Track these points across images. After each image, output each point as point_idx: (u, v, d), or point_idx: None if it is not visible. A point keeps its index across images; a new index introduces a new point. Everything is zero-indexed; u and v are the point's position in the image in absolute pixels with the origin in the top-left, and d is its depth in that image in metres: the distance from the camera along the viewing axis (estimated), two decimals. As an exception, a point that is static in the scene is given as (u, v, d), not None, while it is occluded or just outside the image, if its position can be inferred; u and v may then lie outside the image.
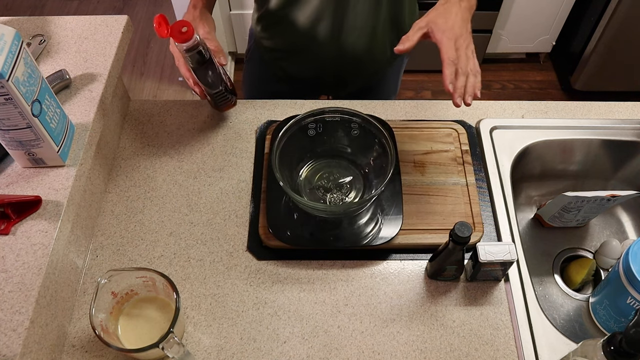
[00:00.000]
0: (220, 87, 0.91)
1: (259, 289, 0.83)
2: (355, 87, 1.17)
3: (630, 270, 0.78)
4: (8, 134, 0.71)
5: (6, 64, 0.64)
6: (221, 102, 0.96)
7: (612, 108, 1.06)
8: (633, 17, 1.92)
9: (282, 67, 1.15)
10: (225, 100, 0.96)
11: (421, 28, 0.81)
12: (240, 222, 0.90)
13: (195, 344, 0.78)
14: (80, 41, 0.94)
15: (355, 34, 1.03)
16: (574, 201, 0.94)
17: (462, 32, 0.79)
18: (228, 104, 0.98)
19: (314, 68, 1.12)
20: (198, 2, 0.96)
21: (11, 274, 0.68)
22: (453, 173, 0.94)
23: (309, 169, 0.92)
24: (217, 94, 0.92)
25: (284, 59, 1.13)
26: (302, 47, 1.08)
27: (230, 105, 0.99)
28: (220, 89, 0.91)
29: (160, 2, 2.74)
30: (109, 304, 0.74)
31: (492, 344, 0.78)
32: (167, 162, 0.97)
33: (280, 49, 1.12)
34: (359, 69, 1.12)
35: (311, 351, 0.77)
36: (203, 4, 0.97)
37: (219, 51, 0.90)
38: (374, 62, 1.12)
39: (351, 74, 1.14)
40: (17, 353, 0.63)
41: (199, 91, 0.93)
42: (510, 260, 0.77)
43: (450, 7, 0.81)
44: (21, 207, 0.73)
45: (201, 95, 0.94)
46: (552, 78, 2.42)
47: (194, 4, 0.96)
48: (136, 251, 0.86)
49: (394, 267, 0.86)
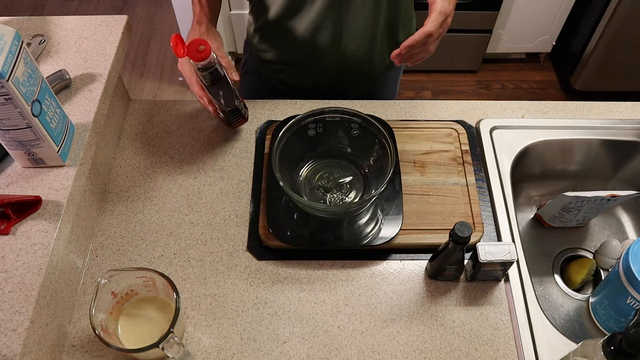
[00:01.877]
0: (235, 103, 0.89)
1: (259, 289, 0.83)
2: (355, 95, 1.15)
3: (630, 270, 0.78)
4: (8, 134, 0.71)
5: (6, 64, 0.64)
6: (235, 118, 0.93)
7: (612, 108, 1.06)
8: (633, 17, 1.92)
9: (281, 79, 1.13)
10: (239, 116, 0.93)
11: None
12: (240, 222, 0.90)
13: (195, 344, 0.78)
14: (80, 41, 0.94)
15: (355, 42, 1.02)
16: (574, 201, 0.94)
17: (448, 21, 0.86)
18: (242, 120, 0.95)
19: (314, 78, 1.11)
20: (202, 18, 0.94)
21: (11, 274, 0.68)
22: (453, 173, 0.94)
23: (309, 169, 0.92)
24: (231, 111, 0.90)
25: (283, 71, 1.12)
26: (302, 58, 1.07)
27: (243, 120, 0.96)
28: (235, 105, 0.89)
29: (161, 2, 2.74)
30: (109, 304, 0.74)
31: (492, 344, 0.78)
32: (167, 162, 0.97)
33: (279, 61, 1.10)
34: (358, 77, 1.11)
35: (311, 351, 0.77)
36: (208, 19, 0.95)
37: (230, 67, 0.88)
38: (373, 70, 1.12)
39: (351, 83, 1.13)
40: (17, 353, 0.63)
41: (212, 110, 0.90)
42: (510, 260, 0.77)
43: None
44: (21, 207, 0.73)
45: (214, 113, 0.91)
46: (552, 78, 2.43)
47: (199, 20, 0.94)
48: (136, 251, 0.86)
49: (394, 267, 0.86)
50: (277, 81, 1.14)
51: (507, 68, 2.47)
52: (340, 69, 1.07)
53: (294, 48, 1.04)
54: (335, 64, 1.06)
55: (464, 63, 2.38)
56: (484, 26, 2.17)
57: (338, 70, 1.08)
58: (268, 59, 1.11)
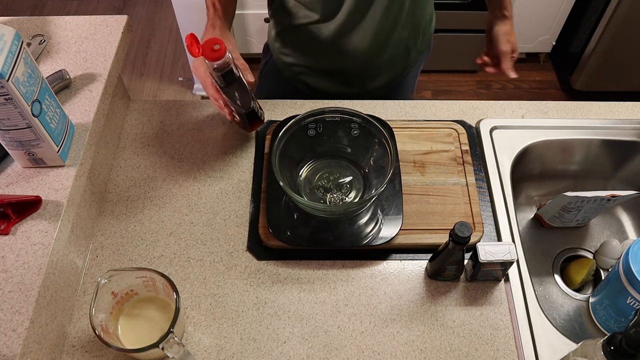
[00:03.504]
0: (252, 105, 0.87)
1: (259, 289, 0.83)
2: (377, 94, 1.14)
3: (630, 270, 0.78)
4: (8, 134, 0.71)
5: (6, 64, 0.64)
6: (252, 120, 0.91)
7: (612, 108, 1.06)
8: (633, 17, 1.92)
9: (304, 81, 1.12)
10: (255, 118, 0.91)
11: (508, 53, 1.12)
12: (240, 222, 0.90)
13: (195, 344, 0.78)
14: (80, 41, 0.94)
15: (380, 42, 1.01)
16: (574, 201, 0.94)
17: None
18: (258, 123, 0.93)
19: (338, 80, 1.11)
20: (216, 21, 0.92)
21: (11, 274, 0.68)
22: (453, 173, 0.94)
23: (309, 169, 0.92)
24: (248, 113, 0.88)
25: (306, 73, 1.11)
26: (326, 61, 1.06)
27: (259, 123, 0.93)
28: (252, 107, 0.87)
29: (161, 2, 2.74)
30: (109, 304, 0.74)
31: (492, 344, 0.78)
32: (167, 162, 0.97)
33: (302, 65, 1.09)
34: (383, 76, 1.11)
35: (311, 351, 0.77)
36: (222, 22, 0.93)
37: (245, 68, 0.86)
38: (397, 68, 1.11)
39: (375, 82, 1.12)
40: (17, 353, 0.63)
41: (228, 112, 0.88)
42: (510, 260, 0.77)
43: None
44: (21, 207, 0.73)
45: (230, 116, 0.89)
46: (552, 78, 2.42)
47: (212, 24, 0.92)
48: (136, 251, 0.86)
49: (394, 267, 0.86)
50: (300, 83, 1.13)
51: (507, 68, 2.47)
52: (365, 69, 1.07)
53: (319, 51, 1.04)
54: (361, 65, 1.05)
55: (464, 63, 2.38)
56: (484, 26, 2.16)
57: (364, 71, 1.08)
58: (291, 62, 1.09)
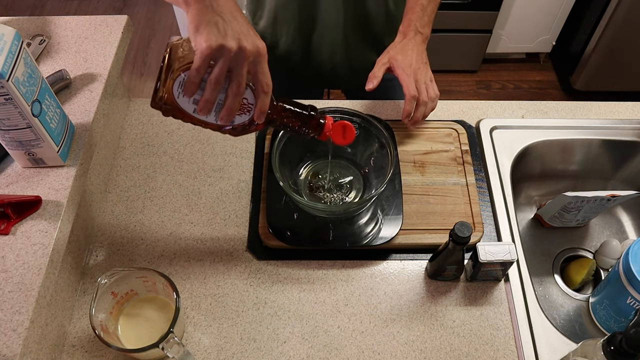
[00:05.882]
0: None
1: (259, 289, 0.83)
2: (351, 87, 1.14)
3: (630, 270, 0.78)
4: (8, 134, 0.71)
5: (6, 64, 0.64)
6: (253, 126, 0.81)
7: (612, 108, 1.06)
8: (633, 17, 1.92)
9: (289, 67, 1.13)
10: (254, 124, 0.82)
11: (384, 64, 0.92)
12: (240, 222, 0.90)
13: (195, 344, 0.78)
14: (80, 41, 0.94)
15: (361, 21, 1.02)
16: (574, 201, 0.94)
17: (419, 65, 0.91)
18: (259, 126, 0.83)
19: (318, 62, 1.11)
20: None
21: (11, 274, 0.68)
22: (453, 173, 0.94)
23: (309, 169, 0.92)
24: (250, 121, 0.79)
25: (287, 59, 1.11)
26: (304, 42, 1.07)
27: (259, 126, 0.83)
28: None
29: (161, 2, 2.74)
30: (109, 304, 0.74)
31: (492, 344, 0.78)
32: (167, 162, 0.97)
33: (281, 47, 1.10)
34: (366, 59, 1.10)
35: (311, 351, 0.77)
36: None
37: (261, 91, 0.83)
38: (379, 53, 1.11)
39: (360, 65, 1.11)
40: (17, 353, 0.63)
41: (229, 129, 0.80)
42: (510, 260, 0.77)
43: (407, 43, 0.93)
44: (21, 207, 0.73)
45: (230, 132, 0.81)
46: (552, 78, 2.43)
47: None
48: (136, 251, 0.86)
49: (394, 267, 0.86)
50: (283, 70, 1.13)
51: (507, 68, 2.47)
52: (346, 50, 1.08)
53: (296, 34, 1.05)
54: (341, 45, 1.06)
55: (464, 63, 2.38)
56: (483, 26, 2.16)
57: (344, 52, 1.08)
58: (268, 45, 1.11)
